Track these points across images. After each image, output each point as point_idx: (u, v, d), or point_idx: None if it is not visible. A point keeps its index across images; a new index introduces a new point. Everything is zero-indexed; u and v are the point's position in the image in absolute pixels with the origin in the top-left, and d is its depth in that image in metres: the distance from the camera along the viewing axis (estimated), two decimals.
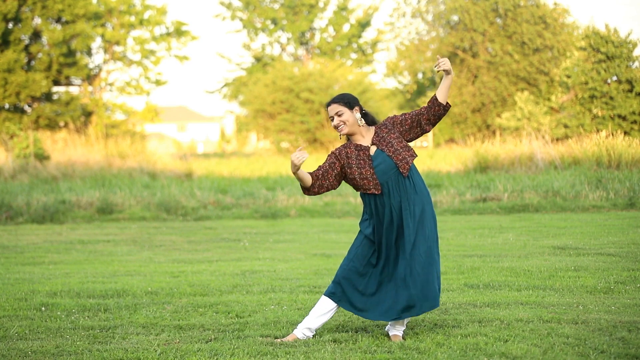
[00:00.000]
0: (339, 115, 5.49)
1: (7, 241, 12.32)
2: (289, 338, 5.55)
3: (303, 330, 5.59)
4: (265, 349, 5.30)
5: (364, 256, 5.53)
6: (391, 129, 5.52)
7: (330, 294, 5.55)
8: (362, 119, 5.53)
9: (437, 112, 5.49)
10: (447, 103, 5.49)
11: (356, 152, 5.51)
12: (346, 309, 5.55)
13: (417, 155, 5.53)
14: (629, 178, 16.47)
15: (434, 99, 5.48)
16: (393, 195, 5.43)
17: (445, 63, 5.40)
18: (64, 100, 36.57)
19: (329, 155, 5.60)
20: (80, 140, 26.25)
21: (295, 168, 5.40)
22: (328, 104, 5.55)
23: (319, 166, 5.61)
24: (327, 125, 38.45)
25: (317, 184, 5.56)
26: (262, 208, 16.04)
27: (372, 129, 5.58)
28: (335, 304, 5.56)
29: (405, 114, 5.59)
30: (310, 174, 5.56)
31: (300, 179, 5.51)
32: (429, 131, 5.61)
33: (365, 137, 5.55)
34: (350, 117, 5.49)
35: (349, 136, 5.58)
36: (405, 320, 5.53)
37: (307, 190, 5.59)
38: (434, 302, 5.38)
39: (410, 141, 5.61)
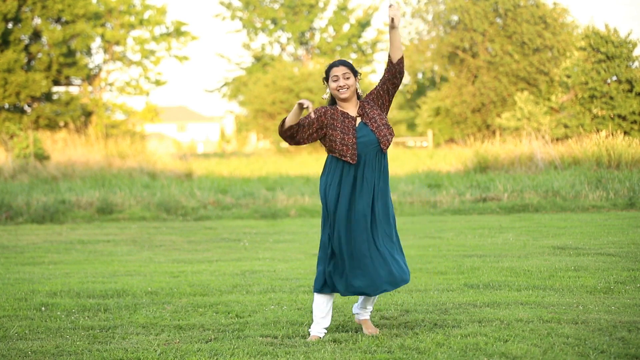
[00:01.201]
0: (346, 78, 5.56)
1: (7, 241, 12.31)
2: (313, 339, 5.55)
3: (321, 330, 5.62)
4: (265, 349, 5.30)
5: (328, 242, 5.61)
6: (372, 106, 5.64)
7: (321, 289, 5.58)
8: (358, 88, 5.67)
9: (395, 71, 5.56)
10: (401, 58, 5.51)
11: (342, 117, 5.58)
12: (339, 294, 5.57)
13: (394, 135, 5.64)
14: (629, 178, 16.47)
15: (389, 61, 5.54)
16: (367, 169, 5.52)
17: (396, 15, 5.48)
18: (63, 100, 36.57)
19: (310, 112, 5.58)
20: (80, 140, 26.24)
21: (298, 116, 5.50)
22: (336, 64, 5.58)
23: (302, 119, 5.62)
24: None
25: (300, 133, 5.60)
26: (262, 208, 16.04)
27: (358, 102, 5.68)
28: (329, 295, 5.60)
29: (375, 87, 5.65)
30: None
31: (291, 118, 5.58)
32: (394, 92, 5.64)
33: (353, 107, 5.63)
34: (354, 84, 5.59)
35: (338, 101, 5.63)
36: (374, 300, 5.68)
37: (288, 137, 5.64)
38: (407, 278, 5.55)
39: (388, 111, 5.69)
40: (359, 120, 5.59)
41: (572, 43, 38.71)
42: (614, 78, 28.15)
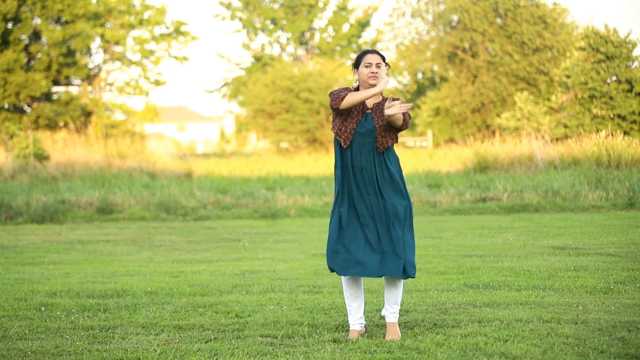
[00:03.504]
0: (378, 67, 5.62)
1: (7, 241, 12.31)
2: (352, 336, 5.59)
3: (359, 320, 5.64)
4: (265, 349, 5.30)
5: (339, 225, 5.62)
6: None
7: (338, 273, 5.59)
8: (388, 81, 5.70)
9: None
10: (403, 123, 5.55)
11: (359, 104, 5.63)
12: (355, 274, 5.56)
13: (397, 142, 5.66)
14: (628, 178, 16.47)
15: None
16: (363, 160, 5.55)
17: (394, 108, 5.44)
18: (63, 100, 36.58)
19: (345, 89, 5.69)
20: (80, 140, 26.24)
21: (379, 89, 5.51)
22: (371, 51, 5.64)
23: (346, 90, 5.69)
24: (326, 125, 38.45)
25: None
26: (261, 208, 16.04)
27: (381, 97, 5.71)
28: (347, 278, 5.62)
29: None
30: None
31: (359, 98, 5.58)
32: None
33: (372, 99, 5.66)
34: (383, 74, 5.62)
35: (362, 89, 5.65)
36: (399, 299, 5.60)
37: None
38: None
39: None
40: (369, 112, 5.63)
41: (571, 43, 38.71)
42: (614, 78, 28.16)
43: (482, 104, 42.19)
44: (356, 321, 5.66)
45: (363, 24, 53.35)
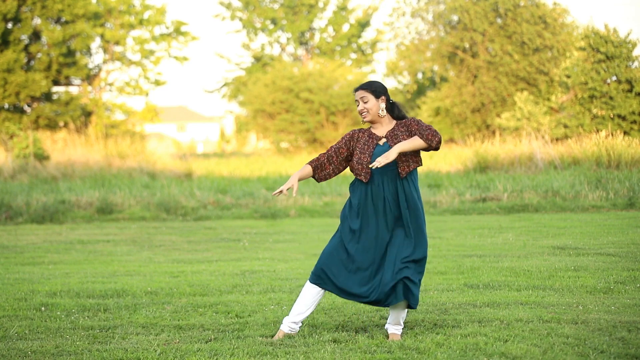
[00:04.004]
0: (364, 102, 5.57)
1: (7, 241, 12.31)
2: (278, 335, 5.58)
3: (289, 324, 5.61)
4: (265, 349, 5.30)
5: (346, 240, 5.54)
6: (405, 131, 5.55)
7: (315, 280, 5.54)
8: (384, 110, 5.57)
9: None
10: (431, 144, 5.42)
11: (367, 138, 5.59)
12: (332, 292, 5.53)
13: (421, 164, 5.58)
14: (628, 178, 16.47)
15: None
16: (387, 189, 5.46)
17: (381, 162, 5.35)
18: (63, 100, 36.57)
19: (343, 137, 5.68)
20: (80, 140, 26.25)
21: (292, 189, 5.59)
22: (356, 89, 5.62)
23: (329, 148, 5.68)
24: (326, 125, 38.45)
25: (323, 174, 5.69)
26: (261, 208, 16.04)
27: (394, 122, 5.63)
28: (321, 290, 5.56)
29: (420, 125, 5.49)
30: (311, 163, 5.67)
31: (303, 179, 5.66)
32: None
33: (384, 127, 5.61)
34: (374, 106, 5.55)
35: (370, 123, 5.64)
36: (403, 319, 5.53)
37: (314, 178, 5.75)
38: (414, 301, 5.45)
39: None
40: (383, 141, 5.54)
41: (571, 43, 38.69)
42: (614, 78, 28.15)
43: (482, 104, 42.18)
44: (289, 322, 5.62)
45: (363, 24, 53.34)
